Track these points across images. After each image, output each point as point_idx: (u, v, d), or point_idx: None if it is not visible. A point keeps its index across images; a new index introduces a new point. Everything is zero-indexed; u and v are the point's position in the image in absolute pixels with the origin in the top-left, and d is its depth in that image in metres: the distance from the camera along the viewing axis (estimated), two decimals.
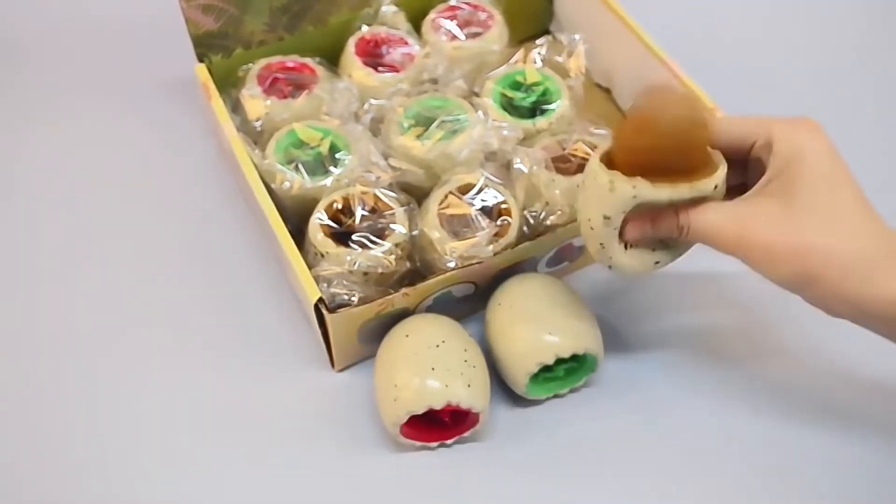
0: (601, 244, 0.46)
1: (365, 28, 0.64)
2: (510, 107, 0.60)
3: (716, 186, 0.44)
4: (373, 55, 0.64)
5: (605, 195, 0.44)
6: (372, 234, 0.52)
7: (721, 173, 0.44)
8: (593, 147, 0.57)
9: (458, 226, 0.53)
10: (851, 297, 0.42)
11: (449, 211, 0.53)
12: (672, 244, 0.47)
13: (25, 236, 0.62)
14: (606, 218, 0.44)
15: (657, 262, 0.47)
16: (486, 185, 0.54)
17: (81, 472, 0.51)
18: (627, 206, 0.44)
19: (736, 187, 0.46)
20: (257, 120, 0.59)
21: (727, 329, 0.57)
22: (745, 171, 0.47)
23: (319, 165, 0.57)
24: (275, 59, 0.62)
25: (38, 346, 0.56)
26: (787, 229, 0.42)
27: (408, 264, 0.53)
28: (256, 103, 0.59)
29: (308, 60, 0.62)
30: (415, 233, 0.53)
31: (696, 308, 0.58)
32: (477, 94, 0.61)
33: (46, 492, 0.50)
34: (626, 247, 0.47)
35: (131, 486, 0.50)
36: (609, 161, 0.44)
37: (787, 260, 0.42)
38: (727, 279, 0.56)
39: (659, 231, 0.45)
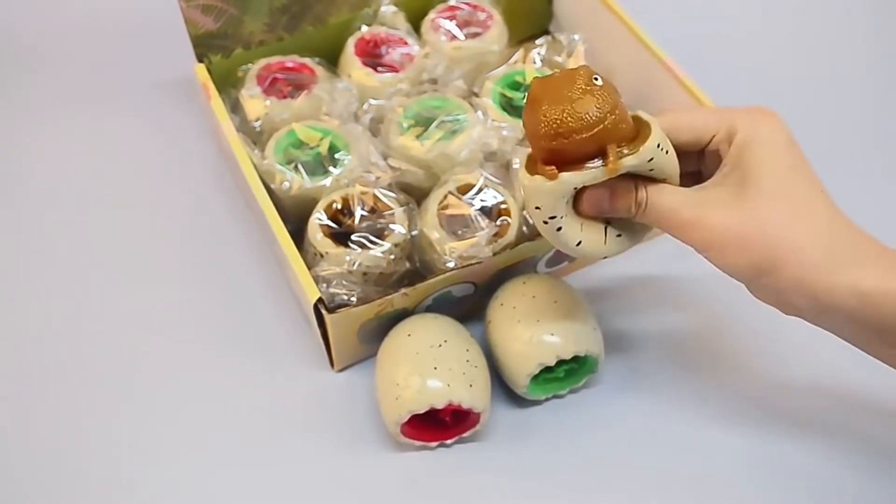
0: (558, 228, 0.44)
1: (364, 28, 0.64)
2: (510, 107, 0.60)
3: (651, 159, 0.41)
4: (372, 55, 0.64)
5: (539, 194, 0.42)
6: (371, 234, 0.52)
7: (650, 143, 0.41)
8: None
9: (457, 226, 0.53)
10: (812, 288, 0.40)
11: (448, 211, 0.53)
12: (631, 226, 0.46)
13: (24, 236, 0.62)
14: (551, 214, 0.43)
15: (618, 240, 0.46)
16: (486, 186, 0.54)
17: (81, 471, 0.51)
18: (564, 193, 0.42)
19: (690, 175, 0.45)
20: (257, 120, 0.59)
21: (729, 330, 0.57)
22: (701, 161, 0.46)
23: (319, 165, 0.57)
24: (274, 60, 0.62)
25: (36, 346, 0.56)
26: (746, 217, 0.41)
27: (407, 264, 0.53)
28: (256, 103, 0.59)
29: (307, 60, 0.62)
30: (414, 233, 0.53)
31: (696, 309, 0.58)
32: (476, 95, 0.61)
33: (47, 492, 0.50)
34: (580, 227, 0.44)
35: (131, 486, 0.50)
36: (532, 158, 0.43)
37: (745, 248, 0.41)
38: (729, 280, 0.55)
39: (616, 205, 0.44)
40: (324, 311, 0.49)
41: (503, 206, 0.54)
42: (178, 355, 0.56)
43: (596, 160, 0.41)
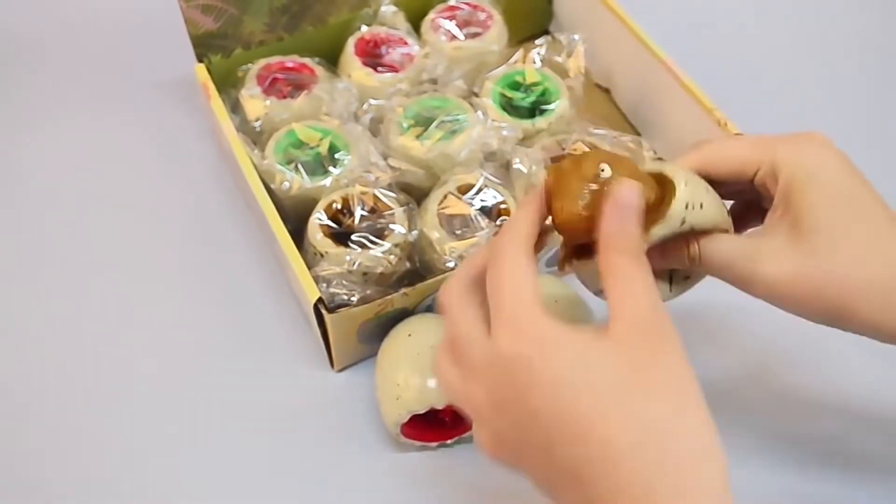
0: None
1: (364, 28, 0.64)
2: (509, 107, 0.60)
3: (682, 221, 0.38)
4: (372, 55, 0.64)
5: (581, 278, 0.42)
6: (371, 234, 0.52)
7: (676, 208, 0.38)
8: (592, 147, 0.57)
9: (457, 226, 0.53)
10: (889, 327, 0.38)
11: (448, 211, 0.53)
12: (685, 275, 0.44)
13: (24, 236, 0.62)
14: (598, 288, 0.41)
15: (685, 282, 0.44)
16: (486, 186, 0.54)
17: (81, 471, 0.51)
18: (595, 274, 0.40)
19: (749, 211, 0.43)
20: (257, 120, 0.59)
21: (729, 330, 0.57)
22: (755, 190, 0.42)
23: (319, 165, 0.57)
24: (274, 60, 0.62)
25: (35, 347, 0.56)
26: (804, 267, 0.38)
27: (407, 264, 0.53)
28: (256, 103, 0.60)
29: (307, 60, 0.62)
30: (414, 233, 0.53)
31: (696, 309, 0.58)
32: (476, 95, 0.61)
33: (47, 491, 0.50)
34: None
35: (130, 485, 0.50)
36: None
37: (808, 299, 0.38)
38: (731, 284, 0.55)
39: (669, 262, 0.41)
40: (324, 311, 0.49)
41: (503, 206, 0.54)
42: (178, 355, 0.56)
43: None
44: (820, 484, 0.50)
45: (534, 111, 0.60)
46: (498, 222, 0.53)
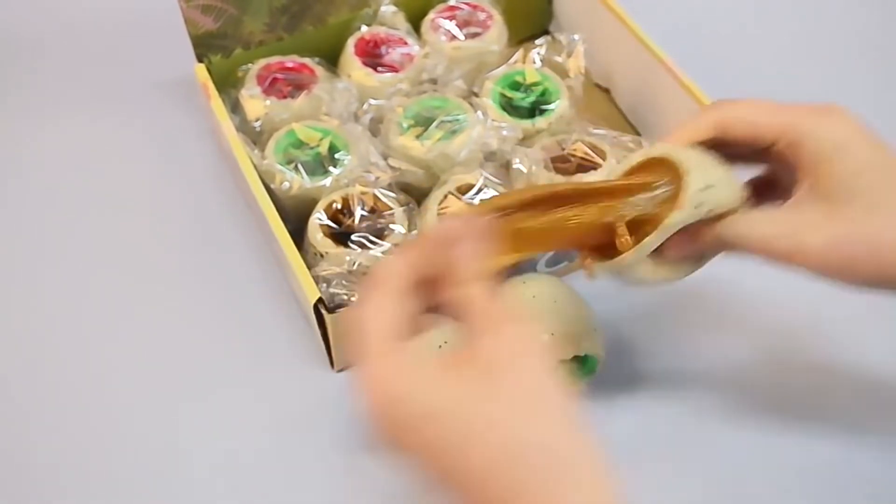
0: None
1: (364, 28, 0.64)
2: (509, 107, 0.60)
3: (698, 205, 0.39)
4: (372, 55, 0.64)
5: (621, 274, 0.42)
6: (371, 234, 0.52)
7: (689, 196, 0.39)
8: (592, 147, 0.57)
9: None
10: None
11: (448, 211, 0.53)
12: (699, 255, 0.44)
13: (24, 236, 0.62)
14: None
15: (686, 272, 0.44)
16: (486, 186, 0.54)
17: (81, 471, 0.51)
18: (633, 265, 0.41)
19: (757, 183, 0.43)
20: (256, 120, 0.59)
21: (729, 330, 0.57)
22: (767, 160, 0.43)
23: (319, 165, 0.57)
24: (274, 60, 0.62)
25: (35, 346, 0.56)
26: (847, 236, 0.38)
27: None
28: (256, 103, 0.60)
29: (307, 60, 0.62)
30: (414, 233, 0.53)
31: (697, 310, 0.58)
32: (476, 95, 0.61)
33: (47, 490, 0.50)
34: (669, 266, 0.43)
35: (130, 485, 0.50)
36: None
37: (856, 268, 0.38)
38: (730, 280, 0.56)
39: (698, 247, 0.41)
40: (324, 311, 0.49)
41: None
42: (178, 355, 0.56)
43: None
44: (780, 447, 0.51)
45: (534, 111, 0.60)
46: None
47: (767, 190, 0.44)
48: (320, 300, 0.49)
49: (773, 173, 0.44)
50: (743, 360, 0.56)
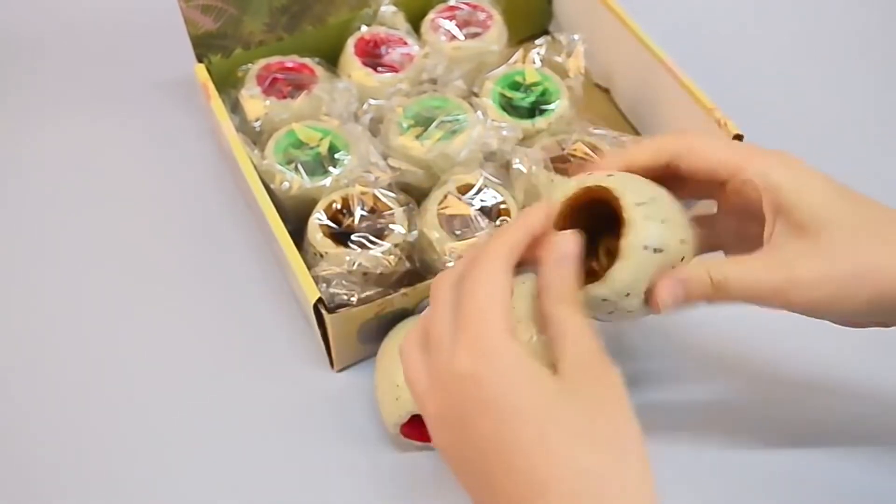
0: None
1: (364, 28, 0.64)
2: (509, 107, 0.60)
3: (645, 217, 0.38)
4: (372, 55, 0.64)
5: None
6: (371, 234, 0.52)
7: (630, 216, 0.38)
8: (592, 147, 0.57)
9: (457, 226, 0.53)
10: None
11: (448, 211, 0.53)
12: None
13: (24, 236, 0.62)
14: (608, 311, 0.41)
15: None
16: (486, 186, 0.54)
17: (80, 470, 0.51)
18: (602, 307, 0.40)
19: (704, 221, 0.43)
20: (256, 120, 0.59)
21: (730, 330, 0.57)
22: (719, 197, 0.43)
23: (319, 166, 0.57)
24: (274, 60, 0.62)
25: (35, 346, 0.56)
26: (841, 258, 0.38)
27: (407, 264, 0.53)
28: (256, 103, 0.60)
29: (307, 60, 0.62)
30: (414, 233, 0.53)
31: (698, 313, 0.58)
32: (476, 95, 0.61)
33: (46, 489, 0.50)
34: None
35: (129, 485, 0.50)
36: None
37: (856, 291, 0.38)
38: None
39: (691, 293, 0.40)
40: (324, 311, 0.49)
41: (503, 206, 0.54)
42: (178, 355, 0.56)
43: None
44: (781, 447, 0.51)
45: (534, 111, 0.60)
46: (497, 223, 0.53)
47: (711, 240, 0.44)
48: (320, 300, 0.49)
49: (717, 218, 0.44)
50: (744, 362, 0.56)
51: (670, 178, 0.42)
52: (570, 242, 0.38)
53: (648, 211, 0.38)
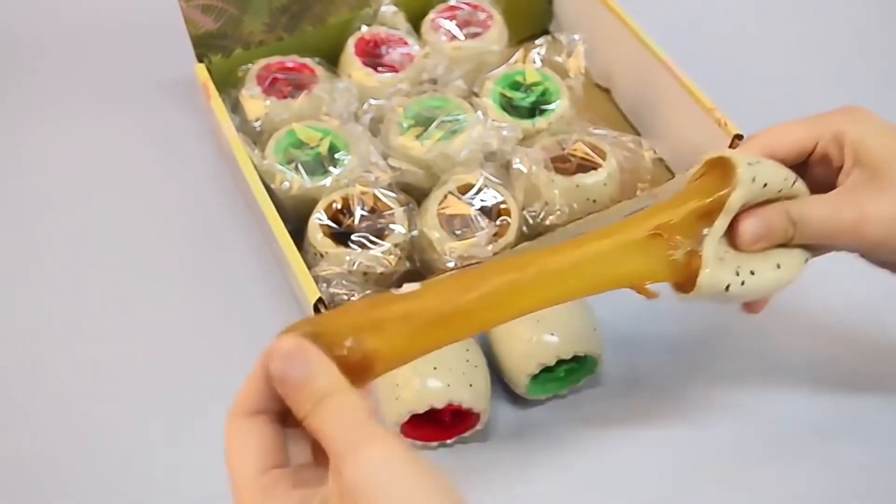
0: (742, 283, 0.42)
1: (364, 28, 0.64)
2: (510, 107, 0.60)
3: (754, 178, 0.41)
4: (372, 55, 0.64)
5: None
6: (371, 234, 0.52)
7: (741, 169, 0.41)
8: (593, 147, 0.57)
9: (457, 226, 0.53)
10: None
11: (448, 211, 0.53)
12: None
13: (24, 236, 0.62)
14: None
15: (779, 265, 0.43)
16: (486, 185, 0.54)
17: (80, 469, 0.51)
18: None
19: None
20: (257, 120, 0.59)
21: (729, 330, 0.57)
22: (806, 172, 0.45)
23: (319, 165, 0.57)
24: (274, 60, 0.62)
25: (35, 346, 0.56)
26: None
27: (407, 264, 0.53)
28: (256, 103, 0.60)
29: (307, 60, 0.62)
30: (414, 233, 0.53)
31: (697, 308, 0.58)
32: (476, 94, 0.61)
33: (46, 489, 0.50)
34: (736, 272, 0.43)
35: (129, 485, 0.50)
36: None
37: None
38: None
39: (773, 231, 0.42)
40: (324, 311, 0.49)
41: (503, 206, 0.54)
42: (178, 355, 0.56)
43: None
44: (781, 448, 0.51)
45: (534, 111, 0.60)
46: (498, 222, 0.53)
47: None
48: (320, 300, 0.49)
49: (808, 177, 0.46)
50: (744, 362, 0.56)
51: None
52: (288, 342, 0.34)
53: (745, 155, 0.43)
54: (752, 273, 0.42)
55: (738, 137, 0.56)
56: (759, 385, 0.54)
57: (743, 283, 0.42)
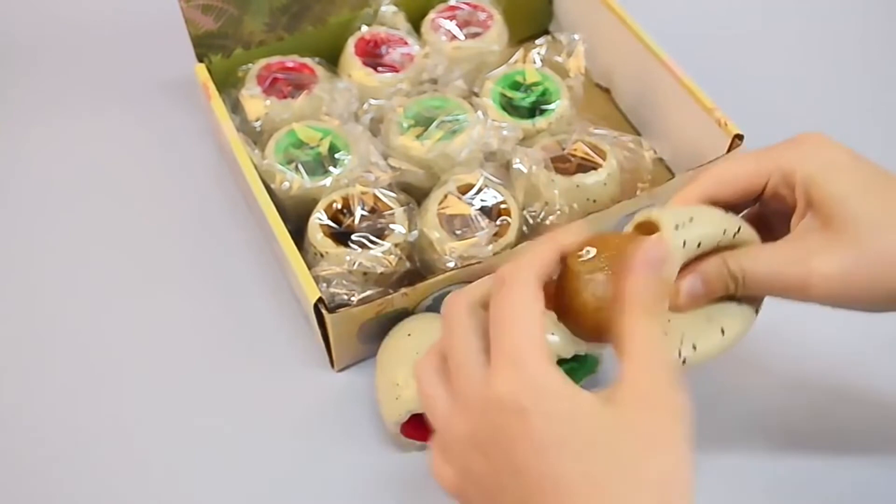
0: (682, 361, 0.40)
1: (364, 28, 0.64)
2: (510, 107, 0.60)
3: (683, 243, 0.38)
4: (372, 55, 0.64)
5: None
6: (371, 234, 0.52)
7: (667, 234, 0.37)
8: (593, 147, 0.57)
9: (457, 226, 0.53)
10: None
11: (448, 211, 0.53)
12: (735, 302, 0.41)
13: (24, 236, 0.62)
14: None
15: (723, 330, 0.40)
16: (486, 185, 0.54)
17: (79, 471, 0.51)
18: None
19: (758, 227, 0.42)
20: (257, 120, 0.59)
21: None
22: (764, 206, 0.43)
23: (319, 165, 0.57)
24: (274, 60, 0.62)
25: (34, 347, 0.56)
26: (859, 252, 0.38)
27: (407, 264, 0.53)
28: (256, 103, 0.60)
29: (308, 60, 0.62)
30: (414, 233, 0.53)
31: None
32: (476, 94, 0.61)
33: (46, 490, 0.50)
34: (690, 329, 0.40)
35: (128, 485, 0.50)
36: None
37: (872, 284, 0.38)
38: None
39: (712, 288, 0.39)
40: (324, 311, 0.49)
41: (503, 206, 0.54)
42: (178, 355, 0.56)
43: None
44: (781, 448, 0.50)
45: (534, 111, 0.60)
46: (498, 222, 0.53)
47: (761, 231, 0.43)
48: (320, 300, 0.49)
49: (762, 215, 0.44)
50: (744, 362, 0.56)
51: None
52: (661, 248, 0.36)
53: (673, 216, 0.39)
54: (695, 347, 0.39)
55: (739, 137, 0.56)
56: (762, 388, 0.54)
57: (685, 362, 0.40)
